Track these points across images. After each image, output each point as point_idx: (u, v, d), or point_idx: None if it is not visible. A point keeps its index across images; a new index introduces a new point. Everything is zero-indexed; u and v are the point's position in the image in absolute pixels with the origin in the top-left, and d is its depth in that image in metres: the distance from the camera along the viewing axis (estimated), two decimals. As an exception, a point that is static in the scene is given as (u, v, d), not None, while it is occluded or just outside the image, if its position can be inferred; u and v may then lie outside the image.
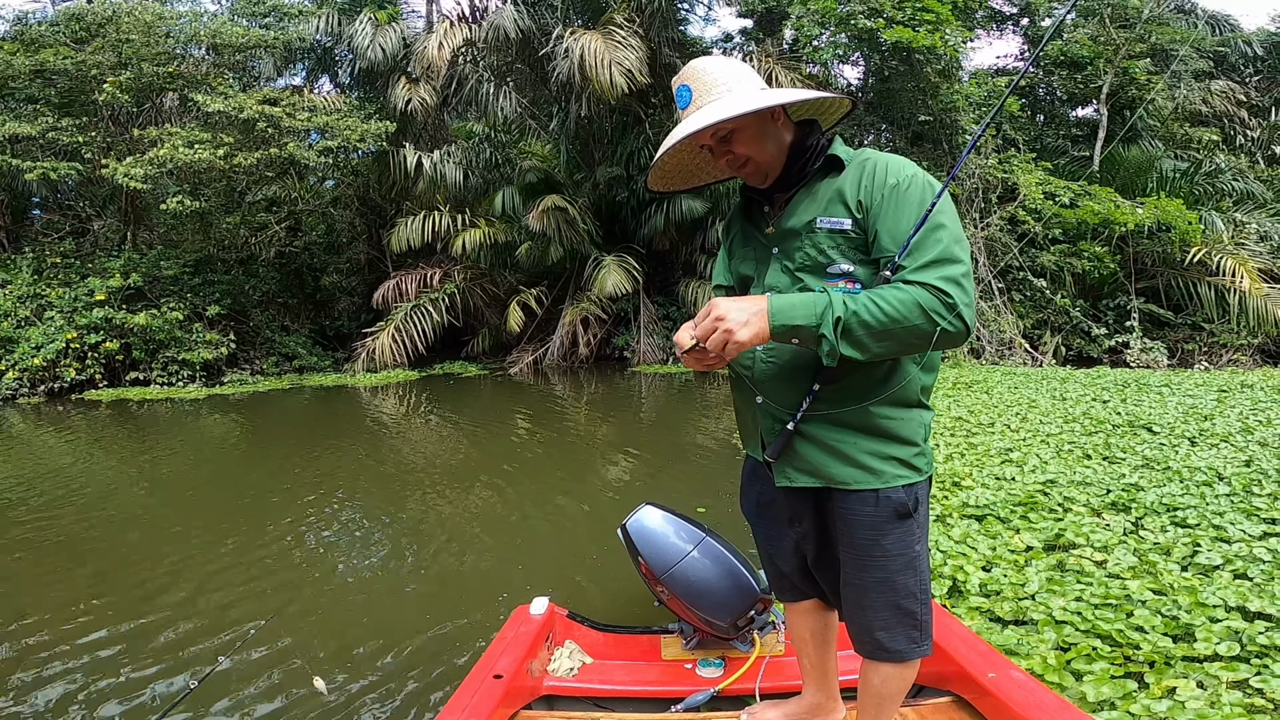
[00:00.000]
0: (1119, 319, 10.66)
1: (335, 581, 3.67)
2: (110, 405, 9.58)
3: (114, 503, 5.17)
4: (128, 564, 3.92)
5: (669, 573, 2.27)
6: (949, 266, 1.25)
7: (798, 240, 1.41)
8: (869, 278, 1.36)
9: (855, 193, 1.36)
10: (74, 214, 12.97)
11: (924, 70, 10.36)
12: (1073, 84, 12.79)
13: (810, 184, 1.43)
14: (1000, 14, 14.49)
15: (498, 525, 4.49)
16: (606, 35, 10.63)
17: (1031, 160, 11.32)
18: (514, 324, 11.97)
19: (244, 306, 12.30)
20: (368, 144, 11.86)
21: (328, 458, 6.40)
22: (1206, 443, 4.78)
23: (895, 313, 1.21)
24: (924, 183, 1.34)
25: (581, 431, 7.48)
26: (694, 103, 1.41)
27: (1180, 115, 13.60)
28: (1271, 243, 10.29)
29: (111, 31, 10.99)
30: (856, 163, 1.40)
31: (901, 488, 1.36)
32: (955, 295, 1.22)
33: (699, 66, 1.43)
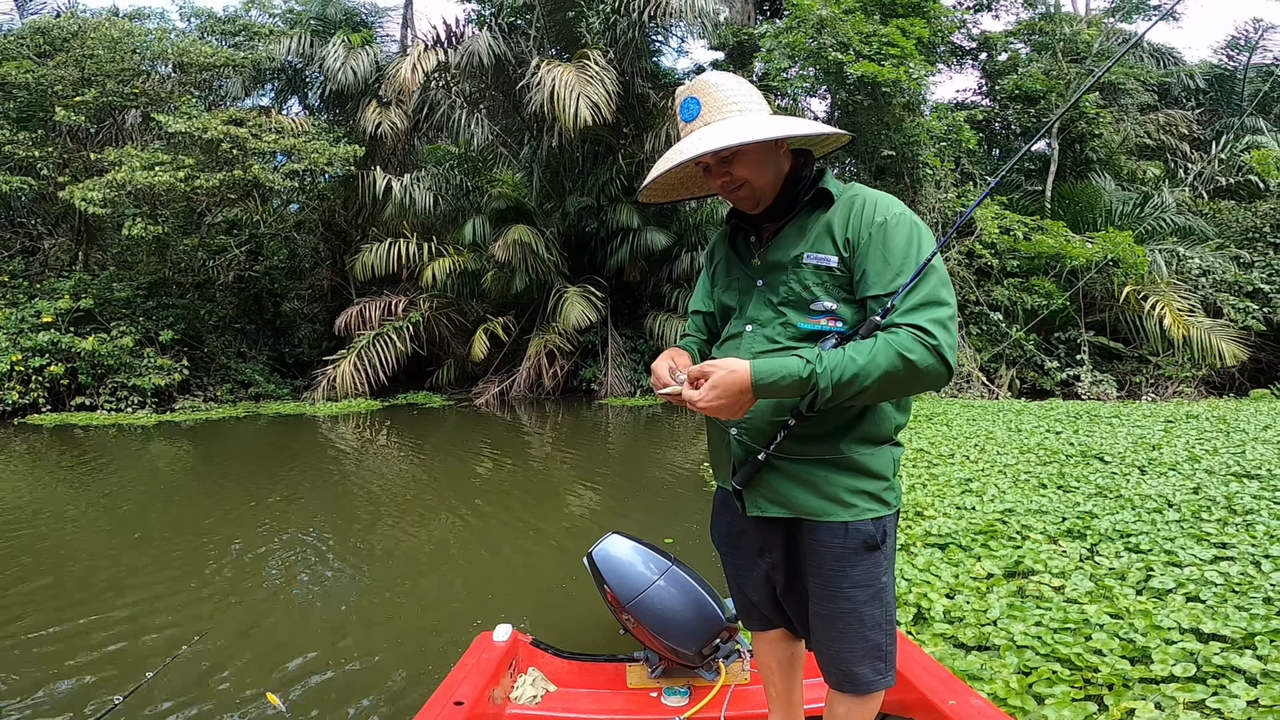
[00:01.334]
0: (1070, 352, 11.01)
1: (289, 607, 3.54)
2: (53, 430, 9.19)
3: (51, 526, 4.92)
4: (63, 585, 3.73)
5: (635, 601, 2.27)
6: (936, 309, 1.25)
7: (783, 274, 1.41)
8: (852, 316, 1.36)
9: (843, 229, 1.36)
10: (25, 232, 12.54)
11: (888, 104, 10.69)
12: (1027, 118, 13.23)
13: (799, 217, 1.42)
14: (960, 49, 15.00)
15: (462, 553, 4.40)
16: (580, 68, 10.77)
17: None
18: (478, 353, 11.84)
19: (199, 332, 11.93)
20: (335, 168, 11.70)
21: (284, 486, 6.21)
22: (1156, 471, 4.93)
23: (879, 361, 1.22)
24: (911, 222, 1.35)
25: (548, 463, 7.41)
26: (701, 117, 1.39)
27: (1127, 149, 14.16)
28: (1213, 276, 10.77)
29: (76, 47, 10.75)
30: (845, 198, 1.40)
31: (870, 520, 1.36)
32: (940, 337, 1.23)
33: (712, 81, 1.40)
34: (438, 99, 12.62)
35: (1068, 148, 13.09)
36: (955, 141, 11.44)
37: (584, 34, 11.58)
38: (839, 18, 10.25)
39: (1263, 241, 11.24)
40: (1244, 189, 12.92)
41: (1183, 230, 11.90)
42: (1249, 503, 3.88)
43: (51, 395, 10.26)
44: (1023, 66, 13.48)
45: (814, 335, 1.37)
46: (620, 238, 12.33)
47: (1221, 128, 14.85)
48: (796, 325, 1.38)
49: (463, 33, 12.88)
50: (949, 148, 11.50)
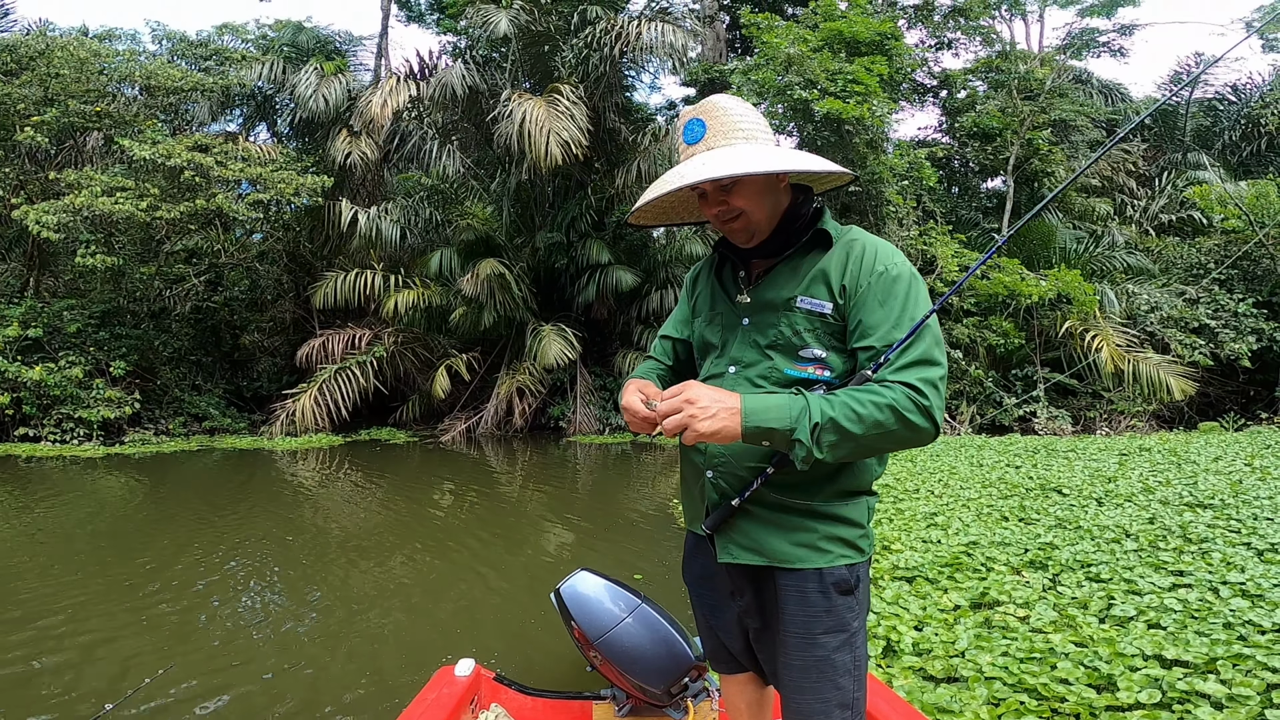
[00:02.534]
0: (1027, 389, 11.29)
1: (242, 643, 3.39)
2: (-8, 463, 8.78)
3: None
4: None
5: (603, 638, 2.24)
6: (928, 369, 1.22)
7: (773, 316, 1.35)
8: (840, 366, 1.32)
9: (840, 276, 1.32)
10: (-27, 257, 12.10)
11: (853, 141, 10.98)
12: (984, 155, 13.52)
13: (793, 257, 1.37)
14: (922, 86, 15.41)
15: (425, 587, 4.29)
16: (550, 103, 10.87)
17: (948, 232, 12.01)
18: (439, 390, 11.59)
19: (153, 364, 11.56)
20: (302, 198, 11.51)
21: (238, 521, 5.98)
22: (1112, 503, 5.04)
23: (872, 417, 1.18)
24: (910, 275, 1.31)
25: (516, 499, 7.29)
26: (705, 141, 1.33)
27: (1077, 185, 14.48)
28: (1161, 312, 11.18)
29: (42, 65, 10.52)
30: (844, 242, 1.35)
31: (845, 567, 1.33)
32: (931, 398, 1.20)
33: (721, 105, 1.35)
34: (409, 130, 12.62)
35: (1023, 185, 13.38)
36: (917, 179, 11.74)
37: (558, 68, 11.75)
38: (806, 55, 10.58)
39: (1207, 278, 11.71)
40: (1187, 225, 13.37)
41: (1133, 268, 12.33)
42: (1204, 531, 3.98)
43: (-6, 426, 9.84)
44: (980, 104, 13.84)
45: (800, 383, 1.32)
46: (589, 274, 12.35)
47: (1165, 163, 15.17)
48: (783, 371, 1.33)
49: (436, 65, 12.97)
50: (910, 185, 11.78)
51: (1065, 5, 16.79)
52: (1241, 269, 11.73)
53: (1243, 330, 10.72)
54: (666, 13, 12.34)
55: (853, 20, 11.25)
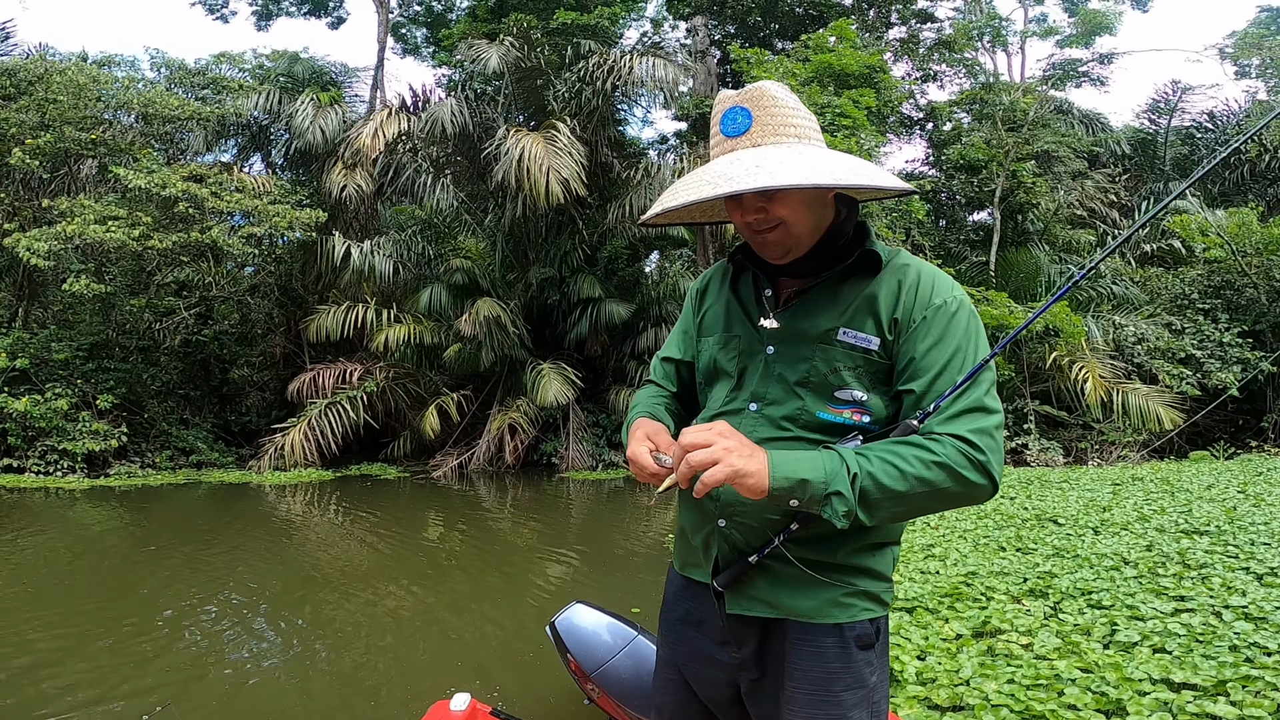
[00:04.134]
0: (1017, 421, 11.32)
1: (233, 682, 3.30)
2: (-26, 494, 8.59)
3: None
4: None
5: (599, 671, 2.21)
6: (984, 417, 1.07)
7: (806, 348, 1.18)
8: (882, 410, 1.16)
9: (891, 307, 1.15)
10: (-38, 286, 11.95)
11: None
12: (970, 188, 13.54)
13: (833, 281, 1.19)
14: (909, 119, 15.61)
15: (419, 622, 4.22)
16: (548, 140, 10.94)
17: (937, 266, 12.10)
18: (429, 429, 11.44)
19: (140, 397, 11.40)
20: (296, 231, 11.46)
21: (226, 555, 5.87)
22: (1109, 531, 5.03)
23: (919, 475, 1.03)
24: (970, 311, 1.15)
25: (509, 535, 7.21)
26: (749, 135, 1.14)
27: (1061, 217, 14.53)
28: (1148, 343, 11.30)
29: (40, 90, 10.48)
30: (895, 268, 1.18)
31: (867, 621, 1.19)
32: (988, 452, 1.05)
33: (772, 93, 1.14)
34: (403, 163, 12.68)
35: (1009, 218, 13.43)
36: (905, 212, 11.86)
37: (550, 102, 11.91)
38: (796, 89, 10.80)
39: (1191, 308, 11.84)
40: (1170, 255, 13.50)
41: (1119, 299, 12.47)
42: (1202, 557, 3.97)
43: (-22, 457, 9.65)
44: (966, 136, 13.90)
45: (833, 429, 1.16)
46: (580, 310, 12.34)
47: (1147, 193, 15.27)
48: (814, 414, 1.16)
49: (428, 99, 13.11)
50: (899, 218, 11.91)
51: (1045, 36, 17.22)
52: (1225, 299, 11.91)
53: (1229, 360, 10.85)
54: (658, 47, 12.61)
55: (841, 53, 11.50)
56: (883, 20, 17.05)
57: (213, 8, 21.47)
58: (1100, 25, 15.48)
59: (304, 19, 21.97)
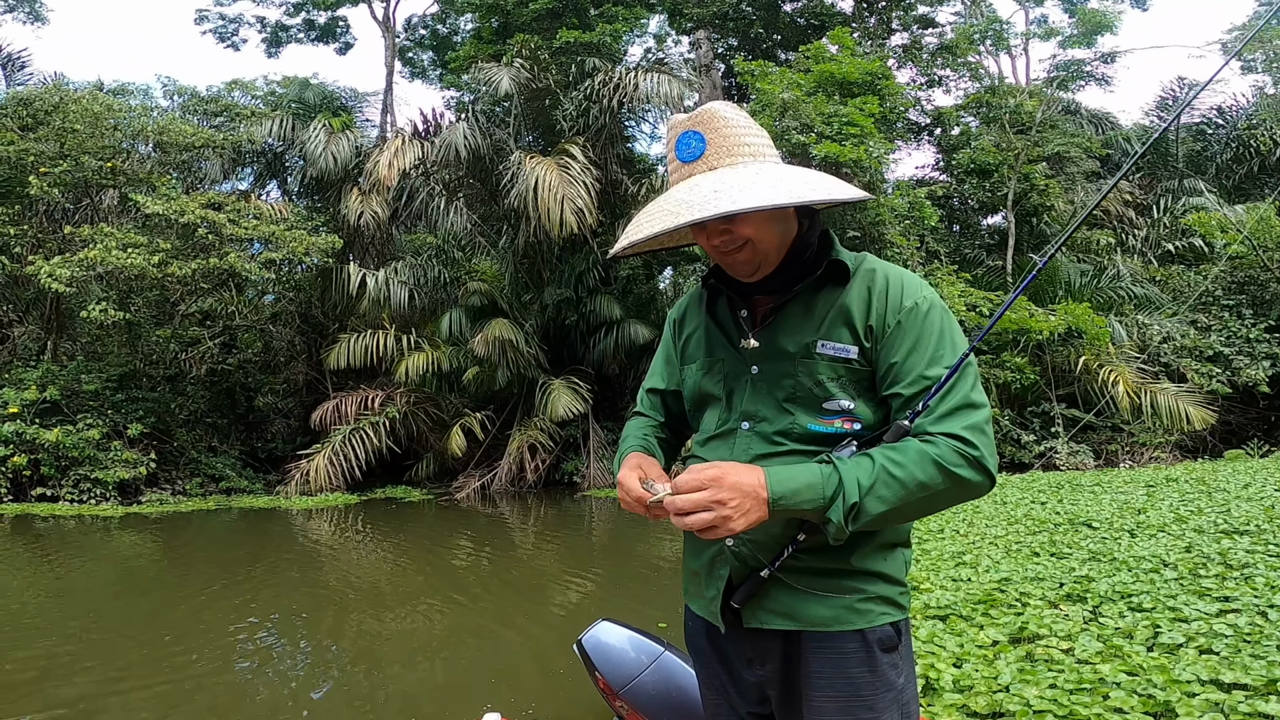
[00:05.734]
0: (1045, 425, 11.14)
1: (266, 704, 3.32)
2: (14, 520, 8.74)
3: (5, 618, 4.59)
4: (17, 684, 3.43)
5: (628, 688, 2.19)
6: (972, 413, 1.08)
7: (788, 364, 1.18)
8: (871, 415, 1.16)
9: (864, 314, 1.15)
10: (-6, 317, 12.23)
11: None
12: (982, 192, 13.43)
13: (805, 294, 1.20)
14: (916, 125, 15.46)
15: (448, 641, 4.24)
16: (562, 166, 10.98)
17: (953, 272, 11.99)
18: (455, 449, 11.54)
19: (169, 425, 11.58)
20: (313, 258, 11.56)
21: (255, 578, 5.93)
22: (1145, 534, 4.93)
23: (914, 479, 1.04)
24: (942, 309, 1.17)
25: (534, 553, 7.23)
26: (706, 159, 1.13)
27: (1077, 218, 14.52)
28: (1174, 342, 11.10)
29: (57, 120, 10.61)
30: (863, 274, 1.19)
31: (888, 625, 1.18)
32: (981, 446, 1.06)
33: (722, 114, 1.14)
34: (417, 187, 12.80)
35: (1023, 221, 13.32)
36: (918, 219, 11.78)
37: (559, 121, 12.01)
38: (801, 100, 10.80)
39: (1216, 305, 11.63)
40: (1190, 253, 13.29)
41: (1140, 299, 12.28)
42: (1244, 557, 3.88)
43: (13, 486, 9.81)
44: (974, 140, 13.82)
45: (826, 439, 1.16)
46: (604, 329, 12.35)
47: (1162, 191, 15.08)
48: (805, 426, 1.17)
49: (438, 124, 13.26)
50: (912, 225, 11.84)
51: (1046, 38, 17.13)
52: (1249, 294, 11.69)
53: (1257, 356, 10.63)
54: (663, 63, 12.70)
55: (842, 61, 11.53)
56: (884, 27, 17.07)
57: (223, 35, 22.01)
58: (1100, 24, 15.39)
59: (312, 45, 22.49)
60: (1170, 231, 13.63)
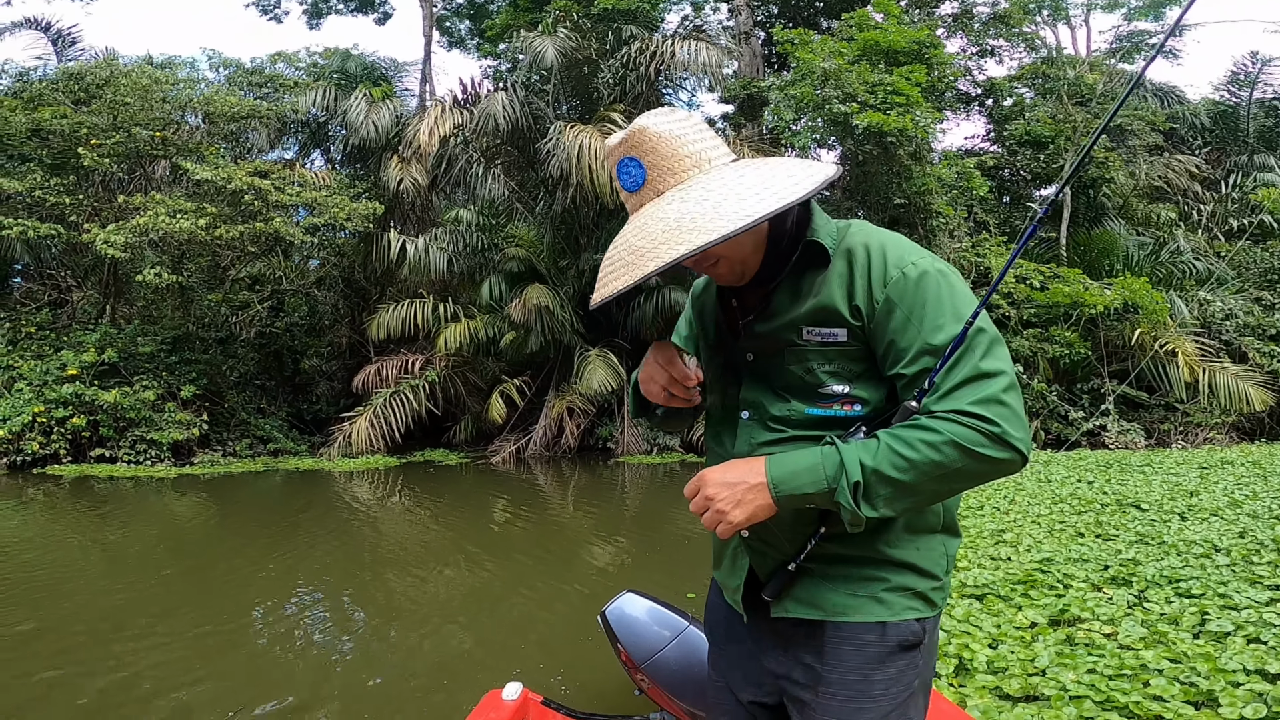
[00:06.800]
0: (1094, 402, 10.81)
1: (298, 659, 3.46)
2: (73, 481, 9.19)
3: (68, 577, 4.86)
4: (75, 642, 3.63)
5: (650, 661, 2.19)
6: (986, 383, 0.98)
7: (778, 354, 1.14)
8: (875, 396, 1.10)
9: (847, 293, 1.08)
10: (54, 283, 12.77)
11: (896, 153, 10.75)
12: (1036, 164, 13.08)
13: (790, 278, 1.14)
14: (966, 95, 14.99)
15: (475, 608, 4.31)
16: (604, 134, 10.94)
17: (1002, 244, 11.64)
18: (495, 415, 11.77)
19: (220, 387, 12.00)
20: (355, 223, 11.81)
21: (299, 540, 6.14)
22: (1197, 517, 4.76)
23: (927, 460, 0.98)
24: (936, 272, 1.07)
25: (564, 519, 7.31)
26: (650, 185, 1.07)
27: (1139, 192, 13.98)
28: (1236, 320, 10.60)
29: (108, 94, 10.94)
30: (842, 251, 1.11)
31: (912, 621, 1.12)
32: (1001, 420, 0.97)
33: (652, 130, 1.06)
34: (455, 155, 12.90)
35: (1080, 193, 12.90)
36: (966, 189, 11.46)
37: (597, 89, 11.86)
38: (843, 69, 10.47)
39: (1282, 282, 11.10)
40: (1258, 229, 12.77)
41: (1202, 274, 11.76)
42: (1301, 545, 3.72)
43: (72, 446, 10.29)
44: (1028, 111, 13.44)
45: (828, 423, 1.12)
46: (643, 295, 12.37)
47: (1230, 167, 14.60)
48: (804, 412, 1.13)
49: (477, 93, 13.27)
50: (960, 195, 11.51)
51: (1110, 9, 16.31)
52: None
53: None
54: (701, 31, 12.41)
55: (888, 30, 11.11)
56: (933, -6, 16.37)
57: (266, 8, 22.34)
58: (1169, -3, 14.63)
59: (352, 16, 22.63)
60: (1239, 207, 12.99)
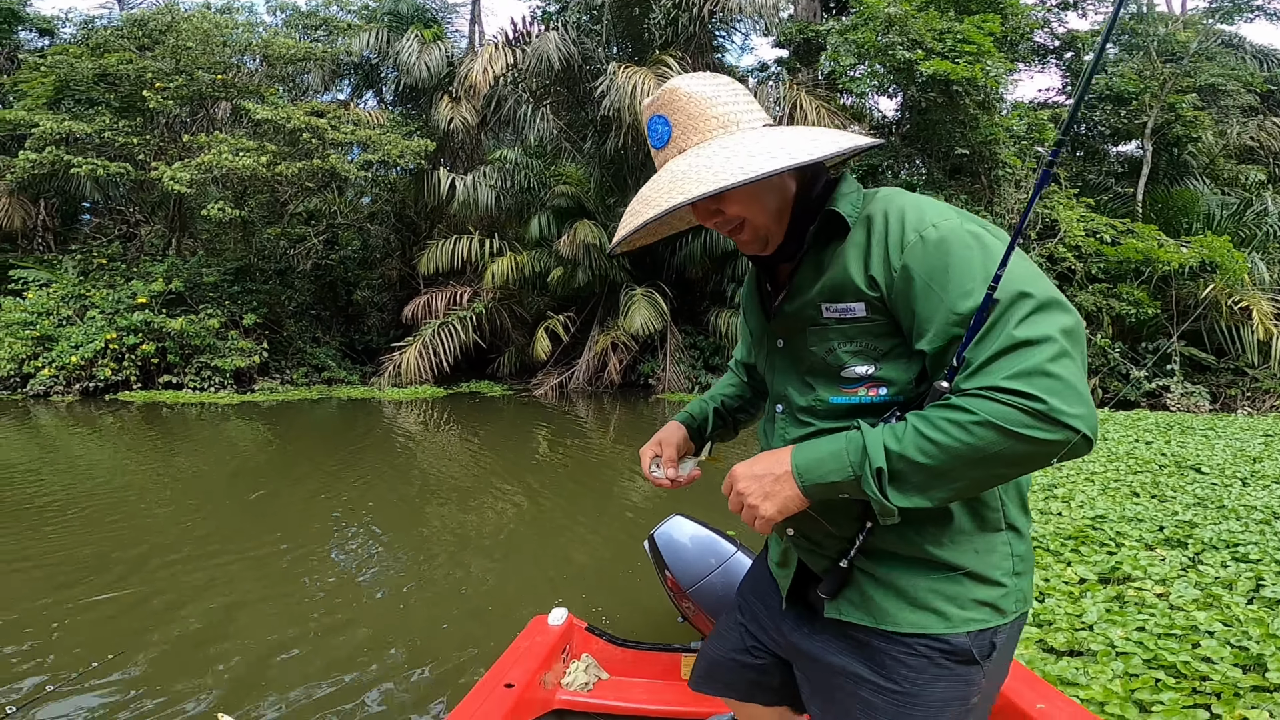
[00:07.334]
0: (1159, 362, 10.39)
1: (349, 583, 3.64)
2: (142, 407, 9.71)
3: (137, 499, 5.20)
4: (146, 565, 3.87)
5: (696, 587, 2.16)
6: (1025, 353, 0.84)
7: (801, 335, 1.06)
8: (903, 377, 0.99)
9: (863, 263, 0.98)
10: (123, 218, 13.34)
11: (963, 102, 10.28)
12: (1116, 119, 12.55)
13: (814, 250, 1.06)
14: (1043, 47, 14.31)
15: (519, 536, 4.43)
16: (659, 76, 10.73)
17: (1073, 196, 11.16)
18: (540, 352, 11.98)
19: (279, 317, 12.47)
20: (407, 160, 12.06)
21: (350, 467, 6.40)
22: (1259, 484, 4.60)
23: (960, 443, 0.85)
24: (964, 232, 0.94)
25: (606, 454, 7.42)
26: (674, 142, 1.04)
27: (1229, 152, 13.27)
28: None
29: (171, 39, 11.34)
30: (863, 217, 1.01)
31: (975, 632, 1.00)
32: (1045, 393, 0.83)
33: (683, 91, 1.03)
34: (505, 95, 12.84)
35: (1163, 150, 12.34)
36: (1037, 140, 10.95)
37: (649, 30, 11.52)
38: (910, 15, 9.91)
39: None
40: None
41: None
42: (1373, 517, 3.56)
43: (142, 373, 10.86)
44: (1111, 67, 12.79)
45: (855, 411, 1.01)
46: (691, 234, 12.28)
47: None
48: (828, 401, 1.04)
49: (530, 32, 13.06)
50: (1029, 147, 11.00)
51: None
52: None
53: None
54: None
55: (960, -24, 10.46)
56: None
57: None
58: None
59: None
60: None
